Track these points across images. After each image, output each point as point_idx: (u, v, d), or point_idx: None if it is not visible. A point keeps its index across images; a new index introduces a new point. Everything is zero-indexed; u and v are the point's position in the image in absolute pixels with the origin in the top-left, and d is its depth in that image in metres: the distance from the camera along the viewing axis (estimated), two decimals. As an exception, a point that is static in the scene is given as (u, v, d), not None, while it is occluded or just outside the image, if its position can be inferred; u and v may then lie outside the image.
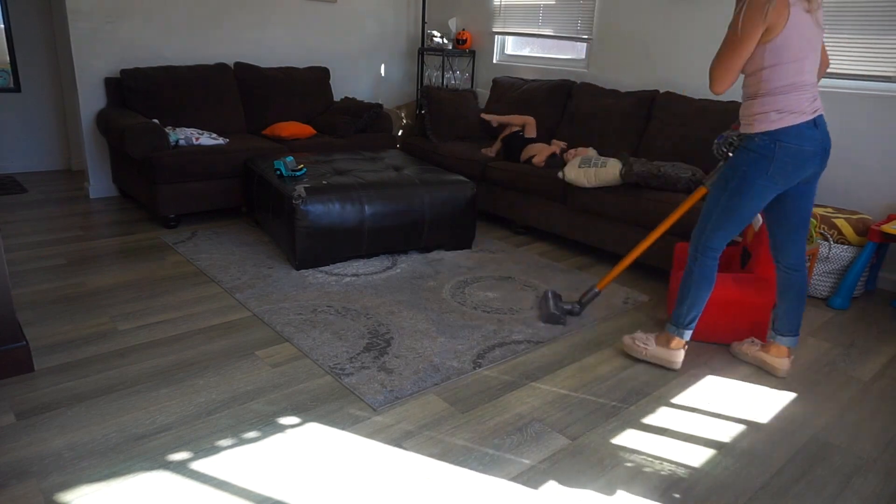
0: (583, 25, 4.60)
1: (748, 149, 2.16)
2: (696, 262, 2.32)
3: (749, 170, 2.15)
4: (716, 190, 2.25)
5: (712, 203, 2.26)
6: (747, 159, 2.15)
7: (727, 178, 2.20)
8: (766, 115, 2.10)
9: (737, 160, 2.19)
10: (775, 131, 2.09)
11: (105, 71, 4.25)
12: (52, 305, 2.74)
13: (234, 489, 1.71)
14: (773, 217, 2.34)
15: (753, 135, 2.14)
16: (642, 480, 1.83)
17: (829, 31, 3.42)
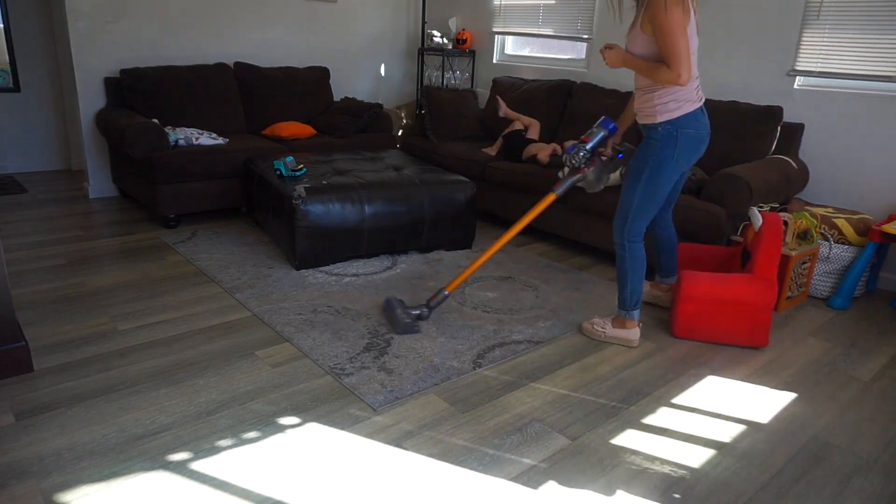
0: (583, 25, 4.60)
1: (653, 138, 2.38)
2: (627, 250, 2.53)
3: (659, 156, 2.38)
4: (631, 182, 2.46)
5: (631, 194, 2.47)
6: (655, 147, 2.38)
7: (639, 168, 2.42)
8: (666, 105, 2.33)
9: (645, 150, 2.41)
10: (676, 119, 2.33)
11: (105, 71, 4.25)
12: (52, 305, 2.74)
13: (234, 489, 1.71)
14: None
15: (657, 124, 2.37)
16: (642, 480, 1.83)
17: (829, 30, 3.42)
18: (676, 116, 2.33)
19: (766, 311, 2.58)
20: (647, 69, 2.29)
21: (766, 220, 2.64)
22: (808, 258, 3.10)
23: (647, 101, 2.38)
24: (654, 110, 2.36)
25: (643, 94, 2.39)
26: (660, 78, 2.26)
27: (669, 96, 2.33)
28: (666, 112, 2.34)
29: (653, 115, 2.37)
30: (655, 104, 2.35)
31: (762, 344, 2.65)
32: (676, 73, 2.21)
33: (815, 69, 3.50)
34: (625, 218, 2.50)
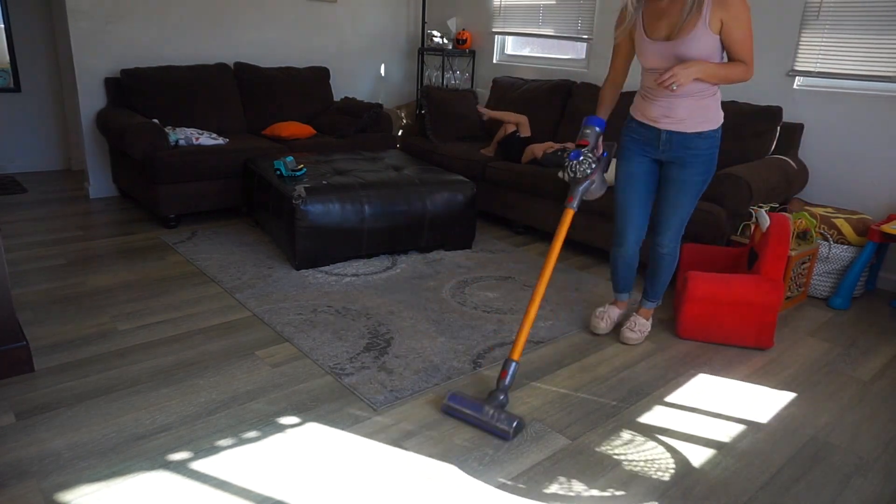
0: (583, 25, 4.60)
1: (706, 147, 2.31)
2: (677, 254, 2.57)
3: (714, 163, 2.37)
4: (688, 195, 2.39)
5: (690, 206, 2.43)
6: (711, 155, 2.34)
7: (696, 182, 2.36)
8: (719, 111, 2.32)
9: (699, 161, 2.32)
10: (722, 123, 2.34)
11: (105, 71, 4.25)
12: (52, 305, 2.74)
13: (234, 489, 1.71)
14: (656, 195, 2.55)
15: (712, 131, 2.31)
16: (642, 480, 1.83)
17: (829, 31, 3.42)
18: (722, 120, 2.32)
19: (773, 313, 2.58)
20: (726, 73, 2.16)
21: (774, 221, 2.63)
22: (807, 258, 3.10)
23: (698, 108, 2.25)
24: (709, 115, 2.27)
25: (689, 100, 2.24)
26: (738, 78, 2.17)
27: (718, 100, 2.29)
28: (719, 117, 2.30)
29: (709, 120, 2.27)
30: (710, 108, 2.27)
31: (767, 345, 2.65)
32: (753, 68, 2.18)
33: (814, 69, 3.50)
34: (679, 230, 2.49)
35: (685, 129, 2.28)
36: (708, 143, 2.30)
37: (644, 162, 2.45)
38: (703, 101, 2.25)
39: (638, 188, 2.47)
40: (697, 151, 2.31)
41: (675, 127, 2.29)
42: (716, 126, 2.30)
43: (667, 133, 2.32)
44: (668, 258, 2.55)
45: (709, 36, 2.12)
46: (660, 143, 2.35)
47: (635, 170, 2.46)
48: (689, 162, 2.33)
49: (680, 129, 2.29)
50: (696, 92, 2.23)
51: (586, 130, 2.30)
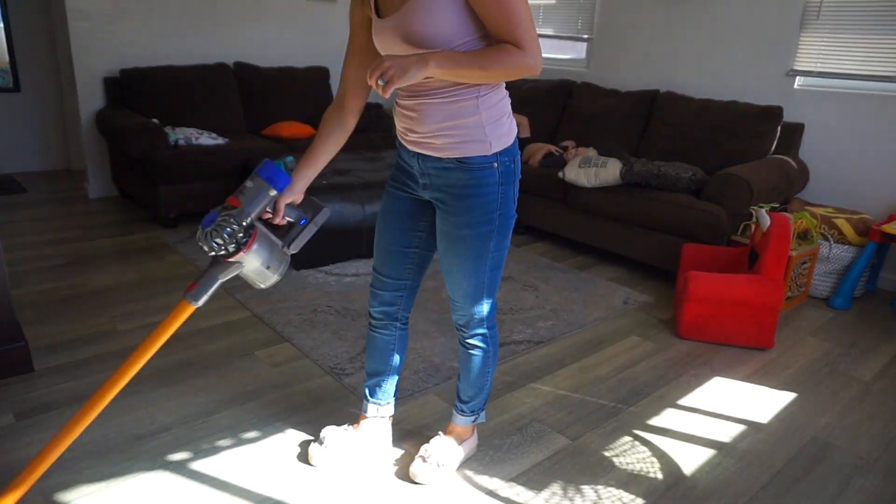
0: (583, 25, 4.60)
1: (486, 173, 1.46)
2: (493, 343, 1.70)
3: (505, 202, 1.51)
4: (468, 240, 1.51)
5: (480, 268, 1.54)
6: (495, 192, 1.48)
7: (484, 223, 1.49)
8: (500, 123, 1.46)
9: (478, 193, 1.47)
10: (514, 143, 1.51)
11: (105, 71, 4.24)
12: (52, 305, 2.74)
13: (234, 489, 1.71)
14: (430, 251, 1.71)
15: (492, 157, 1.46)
16: (642, 480, 1.82)
17: (829, 31, 3.42)
18: (512, 141, 1.49)
19: (773, 313, 2.57)
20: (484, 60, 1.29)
21: (775, 221, 2.63)
22: (808, 258, 3.10)
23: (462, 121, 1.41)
24: (481, 132, 1.42)
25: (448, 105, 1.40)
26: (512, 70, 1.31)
27: (502, 106, 1.45)
28: (501, 135, 1.45)
29: (480, 141, 1.42)
30: (484, 122, 1.41)
31: (768, 345, 2.65)
32: (536, 55, 1.32)
33: (814, 69, 3.50)
34: (478, 303, 1.60)
35: (437, 151, 1.45)
36: (475, 178, 1.45)
37: (403, 199, 1.62)
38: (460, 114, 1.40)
39: (391, 233, 1.65)
40: (463, 191, 1.47)
41: (424, 149, 1.47)
42: (487, 152, 1.43)
43: (419, 159, 1.50)
44: (468, 353, 1.69)
45: (446, 4, 1.29)
46: (416, 172, 1.54)
47: (390, 207, 1.65)
48: (451, 207, 1.50)
49: (430, 151, 1.46)
50: (441, 94, 1.39)
51: (247, 184, 1.40)
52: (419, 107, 1.42)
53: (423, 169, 1.51)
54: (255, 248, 1.40)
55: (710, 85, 3.93)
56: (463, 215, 1.49)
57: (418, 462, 1.76)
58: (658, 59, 4.18)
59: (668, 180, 3.24)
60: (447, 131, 1.41)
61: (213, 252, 1.37)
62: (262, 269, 1.45)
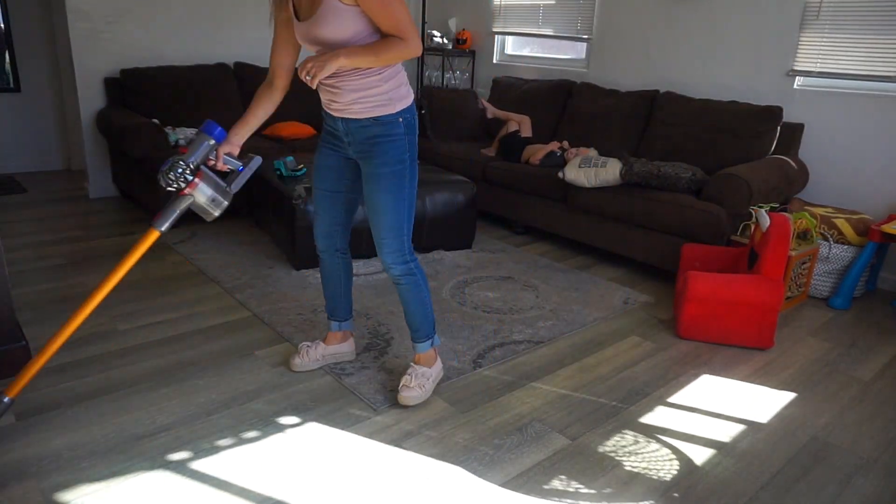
0: (583, 25, 4.60)
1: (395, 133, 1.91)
2: (419, 272, 2.06)
3: (412, 149, 1.96)
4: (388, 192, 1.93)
5: (397, 206, 1.95)
6: (402, 142, 1.93)
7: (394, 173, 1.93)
8: (399, 90, 1.91)
9: (390, 150, 1.91)
10: (411, 105, 1.95)
11: (105, 71, 4.25)
12: (52, 305, 2.74)
13: (234, 489, 1.71)
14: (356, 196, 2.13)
15: (396, 114, 1.90)
16: (642, 480, 1.83)
17: (829, 31, 3.42)
18: (411, 102, 1.95)
19: (773, 313, 2.57)
20: (378, 52, 1.76)
21: (774, 221, 2.63)
22: (807, 258, 3.10)
23: (370, 91, 1.86)
24: (386, 98, 1.88)
25: (358, 82, 1.85)
26: (398, 55, 1.78)
27: (398, 78, 1.91)
28: (401, 98, 1.91)
29: (387, 104, 1.88)
30: (387, 91, 1.88)
31: (768, 345, 2.65)
32: (415, 43, 1.78)
33: (814, 69, 3.50)
34: (400, 236, 1.97)
35: (356, 114, 1.90)
36: (387, 129, 1.90)
37: (332, 156, 2.05)
38: (365, 82, 1.86)
39: (324, 182, 2.07)
40: (378, 139, 1.91)
41: (347, 114, 1.92)
42: (393, 110, 1.90)
43: (342, 121, 1.94)
44: (402, 282, 2.04)
45: (342, 9, 1.73)
46: (340, 132, 1.97)
47: (321, 162, 2.07)
48: (371, 152, 1.93)
49: (351, 115, 1.91)
50: (352, 75, 1.85)
51: (196, 136, 1.87)
52: (338, 84, 1.87)
53: (346, 129, 1.95)
54: (201, 185, 1.85)
55: (710, 85, 3.94)
56: (380, 157, 1.92)
57: (404, 390, 2.12)
58: (658, 59, 4.18)
59: (667, 180, 3.24)
60: (361, 101, 1.88)
61: (168, 186, 1.82)
62: (209, 202, 1.89)
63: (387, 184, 1.93)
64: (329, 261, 2.21)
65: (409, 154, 1.95)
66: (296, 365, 2.31)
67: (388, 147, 1.92)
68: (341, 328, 2.33)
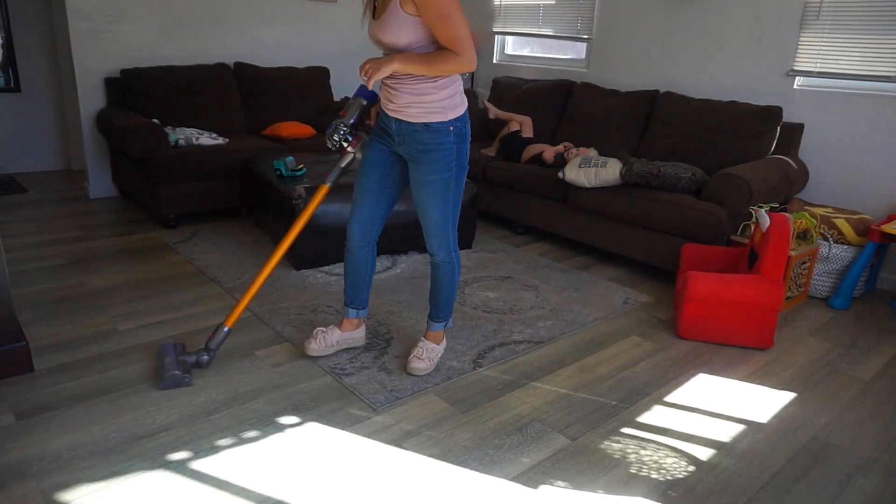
0: (583, 25, 4.60)
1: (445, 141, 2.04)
2: (457, 263, 2.27)
3: (461, 156, 2.10)
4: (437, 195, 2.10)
5: (444, 207, 2.13)
6: (455, 147, 2.07)
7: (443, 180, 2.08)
8: (454, 99, 2.03)
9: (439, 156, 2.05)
10: (464, 114, 2.07)
11: (105, 71, 4.25)
12: (52, 305, 2.74)
13: (234, 489, 1.71)
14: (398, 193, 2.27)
15: (446, 123, 2.03)
16: (642, 480, 1.83)
17: (828, 31, 3.42)
18: (463, 111, 2.06)
19: (773, 313, 2.57)
20: (431, 62, 1.88)
21: (774, 221, 2.63)
22: (807, 258, 3.10)
23: (425, 98, 1.99)
24: (439, 106, 2.00)
25: (413, 87, 1.98)
26: (451, 69, 1.90)
27: (453, 87, 2.02)
28: (454, 107, 2.03)
29: (439, 112, 2.00)
30: (441, 99, 1.99)
31: (767, 345, 2.65)
32: (468, 58, 1.88)
33: (814, 69, 3.50)
34: (446, 231, 2.18)
35: (409, 118, 2.02)
36: (437, 137, 2.02)
37: (383, 150, 2.17)
38: (421, 87, 1.97)
39: (370, 175, 2.19)
40: (428, 147, 2.03)
41: (400, 115, 2.03)
42: (445, 119, 2.01)
43: (396, 122, 2.06)
44: (440, 268, 2.25)
45: (403, 17, 1.86)
46: (393, 132, 2.09)
47: (371, 156, 2.19)
48: (421, 159, 2.06)
49: (404, 118, 2.03)
50: (408, 81, 1.97)
51: (352, 101, 2.14)
52: (395, 86, 2.01)
53: (398, 130, 2.07)
54: (359, 145, 2.18)
55: (710, 85, 3.94)
56: (429, 165, 2.07)
57: (414, 360, 2.33)
58: (658, 59, 4.18)
59: (667, 180, 3.24)
60: (415, 105, 2.00)
61: (333, 147, 2.16)
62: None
63: (433, 189, 2.10)
64: (359, 253, 2.32)
65: (456, 162, 2.09)
66: (312, 350, 2.36)
67: (437, 156, 2.05)
68: (358, 315, 2.43)
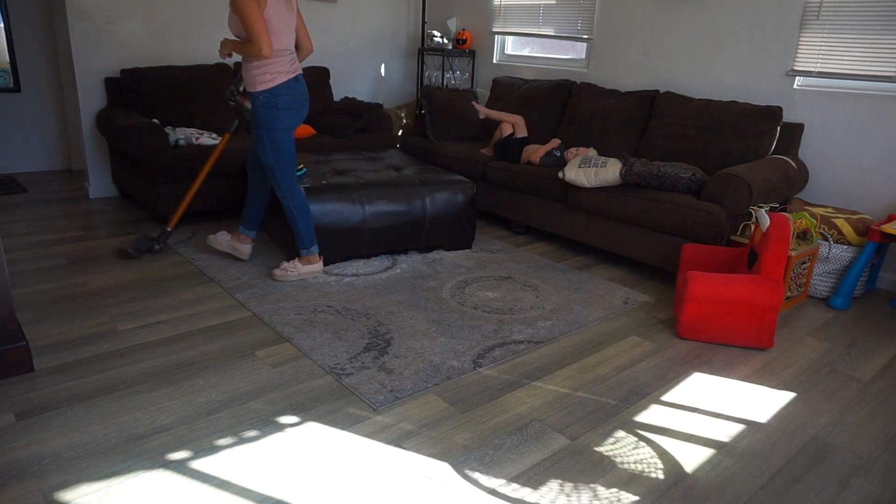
0: (583, 25, 4.60)
1: (256, 105, 2.79)
2: (291, 200, 2.94)
3: (265, 120, 2.79)
4: (262, 149, 2.85)
5: (265, 155, 2.86)
6: (260, 113, 2.79)
7: (261, 135, 2.82)
8: (263, 76, 2.74)
9: (255, 116, 2.81)
10: (273, 88, 2.75)
11: (105, 71, 4.25)
12: (52, 305, 2.74)
13: (235, 489, 1.71)
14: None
15: (258, 93, 2.76)
16: (642, 480, 1.83)
17: (828, 31, 3.42)
18: (272, 86, 2.74)
19: (773, 313, 2.57)
20: (241, 47, 2.68)
21: (774, 221, 2.63)
22: (807, 258, 3.10)
23: (248, 72, 2.76)
24: (254, 80, 2.74)
25: (246, 66, 2.77)
26: (248, 52, 2.63)
27: (263, 68, 2.73)
28: (262, 82, 2.74)
29: (254, 84, 2.76)
30: (254, 75, 2.73)
31: (767, 345, 2.65)
32: (258, 47, 2.60)
33: (814, 69, 3.50)
34: (275, 178, 2.90)
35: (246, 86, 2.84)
36: (254, 102, 2.79)
37: None
38: (247, 66, 2.76)
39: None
40: (252, 108, 2.82)
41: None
42: (255, 89, 2.76)
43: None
44: (284, 205, 2.97)
45: (232, 15, 2.66)
46: None
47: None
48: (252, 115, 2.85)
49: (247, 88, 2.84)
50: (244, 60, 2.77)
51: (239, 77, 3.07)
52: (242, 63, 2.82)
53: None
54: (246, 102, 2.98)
55: (710, 85, 3.94)
56: (252, 120, 2.87)
57: (277, 270, 3.08)
58: (658, 59, 4.18)
59: (667, 180, 3.24)
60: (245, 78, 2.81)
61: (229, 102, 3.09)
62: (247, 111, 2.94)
63: (256, 139, 2.87)
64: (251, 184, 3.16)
65: (266, 124, 2.80)
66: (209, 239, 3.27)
67: (254, 116, 2.83)
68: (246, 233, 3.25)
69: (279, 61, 2.74)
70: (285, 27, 2.75)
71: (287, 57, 2.78)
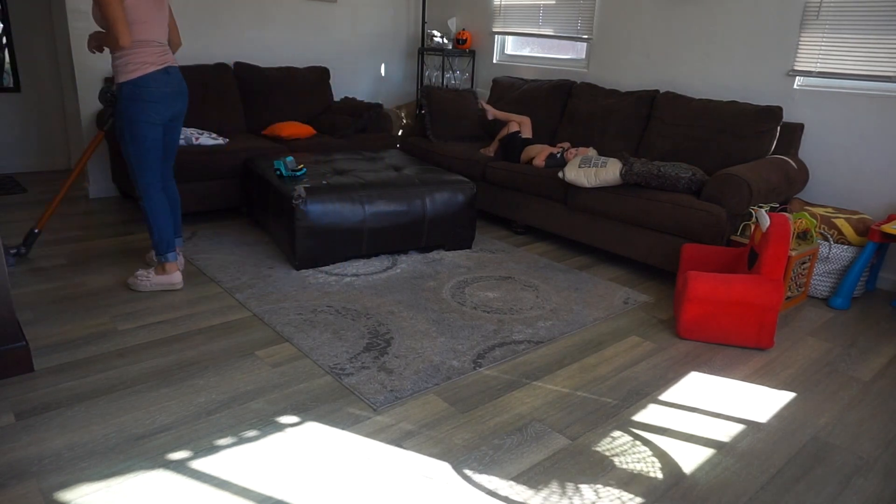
0: (583, 25, 4.60)
1: (120, 98, 2.68)
2: (146, 201, 2.82)
3: (129, 113, 2.67)
4: (122, 142, 2.73)
5: (126, 152, 2.74)
6: (124, 105, 2.67)
7: (122, 127, 2.70)
8: (126, 67, 2.64)
9: (119, 109, 2.69)
10: (136, 79, 2.64)
11: (105, 71, 4.24)
12: (51, 305, 2.74)
13: (235, 489, 1.71)
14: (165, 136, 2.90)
15: (121, 84, 2.66)
16: (642, 480, 1.83)
17: (828, 31, 3.42)
18: (135, 76, 2.63)
19: (773, 313, 2.57)
20: (103, 38, 2.61)
21: (774, 221, 2.63)
22: (807, 258, 3.10)
23: (113, 64, 2.67)
24: (117, 71, 2.65)
25: (112, 57, 2.68)
26: (107, 43, 2.58)
27: (125, 58, 2.63)
28: (125, 73, 2.64)
29: (118, 75, 2.66)
30: (118, 66, 2.65)
31: (767, 345, 2.65)
32: (114, 37, 2.52)
33: (814, 69, 3.50)
34: (134, 175, 2.78)
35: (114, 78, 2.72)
36: (121, 96, 2.68)
37: None
38: (113, 60, 2.67)
39: None
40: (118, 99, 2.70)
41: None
42: (120, 81, 2.65)
43: None
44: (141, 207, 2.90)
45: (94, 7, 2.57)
46: None
47: None
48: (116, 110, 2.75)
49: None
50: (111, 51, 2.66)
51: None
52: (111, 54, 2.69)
53: None
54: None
55: (710, 85, 3.94)
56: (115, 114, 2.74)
57: (131, 277, 2.94)
58: (658, 59, 4.18)
59: (667, 180, 3.24)
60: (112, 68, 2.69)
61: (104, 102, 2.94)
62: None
63: (119, 131, 2.74)
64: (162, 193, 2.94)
65: (126, 115, 2.67)
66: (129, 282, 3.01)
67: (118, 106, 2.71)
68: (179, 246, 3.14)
69: (144, 52, 2.64)
70: (152, 18, 2.66)
71: (155, 48, 2.69)
